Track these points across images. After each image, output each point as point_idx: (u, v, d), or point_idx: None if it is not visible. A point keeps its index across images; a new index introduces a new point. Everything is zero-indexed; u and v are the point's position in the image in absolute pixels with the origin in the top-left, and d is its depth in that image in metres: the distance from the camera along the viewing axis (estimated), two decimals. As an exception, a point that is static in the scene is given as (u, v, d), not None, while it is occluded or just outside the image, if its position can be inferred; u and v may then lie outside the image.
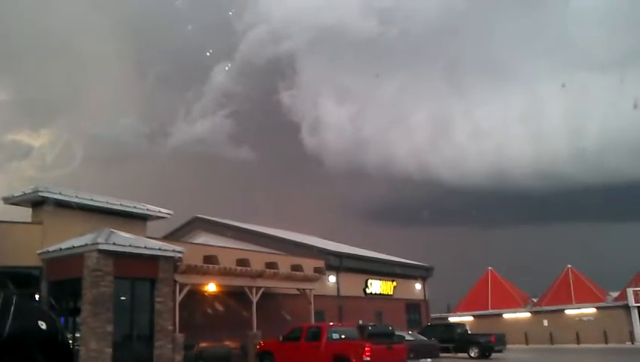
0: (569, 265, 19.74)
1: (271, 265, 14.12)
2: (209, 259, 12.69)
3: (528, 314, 22.41)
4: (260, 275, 13.74)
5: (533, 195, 30.82)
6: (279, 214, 29.39)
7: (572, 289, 19.50)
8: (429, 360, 13.87)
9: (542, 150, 27.69)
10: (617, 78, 27.53)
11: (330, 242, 20.86)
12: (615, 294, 19.76)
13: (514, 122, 27.89)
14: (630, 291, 18.71)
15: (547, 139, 27.91)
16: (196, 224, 19.14)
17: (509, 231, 34.87)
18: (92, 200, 11.49)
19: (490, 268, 19.97)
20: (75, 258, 10.17)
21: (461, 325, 17.67)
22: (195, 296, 12.30)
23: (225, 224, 18.91)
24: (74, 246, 10.30)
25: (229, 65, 30.96)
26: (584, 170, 28.45)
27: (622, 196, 29.11)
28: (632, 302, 19.07)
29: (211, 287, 12.88)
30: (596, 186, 28.89)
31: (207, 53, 30.02)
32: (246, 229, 18.60)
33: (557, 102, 26.51)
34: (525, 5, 31.19)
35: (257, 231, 18.61)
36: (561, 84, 26.39)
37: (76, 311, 10.05)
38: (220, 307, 13.22)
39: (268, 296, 13.96)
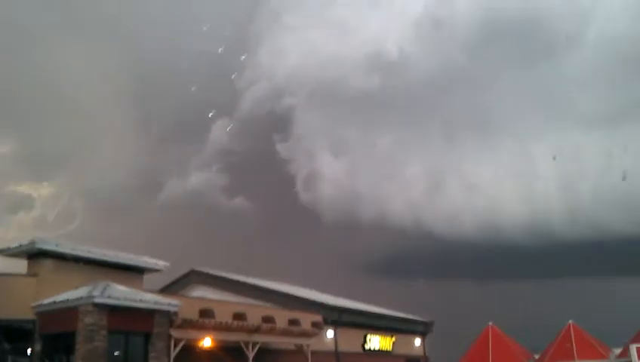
0: (570, 321, 19.47)
1: (268, 319, 13.87)
2: (205, 313, 12.47)
3: (530, 371, 21.92)
4: (256, 330, 13.48)
5: (528, 251, 30.75)
6: (276, 267, 29.20)
7: (574, 345, 19.18)
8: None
9: (535, 207, 27.96)
10: (608, 136, 28.21)
11: (327, 296, 20.61)
12: (618, 351, 19.44)
13: (508, 179, 28.33)
14: (633, 347, 18.40)
15: (540, 195, 28.21)
16: (193, 277, 18.91)
17: (507, 286, 34.60)
18: (89, 252, 11.42)
19: (490, 323, 19.67)
20: (70, 311, 10.00)
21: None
22: (190, 351, 12.03)
23: (221, 277, 18.69)
24: (69, 300, 10.15)
25: (228, 120, 31.57)
26: (577, 227, 28.61)
27: (619, 252, 29.05)
28: (635, 358, 18.70)
29: (207, 342, 12.61)
30: (591, 242, 28.93)
31: (209, 115, 30.71)
32: (242, 282, 18.37)
33: (550, 160, 27.12)
34: (521, 65, 31.90)
35: (254, 284, 18.38)
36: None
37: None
38: (215, 362, 12.92)
39: (264, 351, 13.66)
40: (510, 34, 31.09)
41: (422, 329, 21.93)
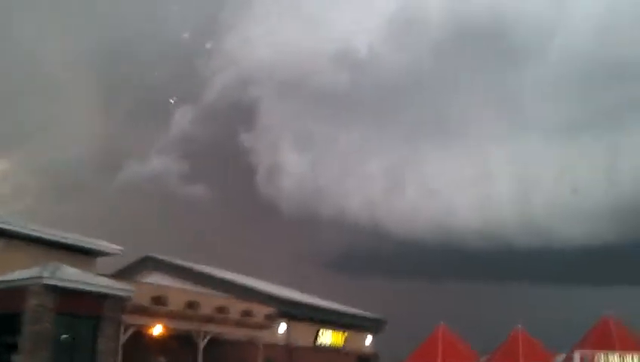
0: (519, 325, 19.93)
1: (221, 310, 13.77)
2: (158, 300, 12.29)
3: (477, 372, 22.34)
4: (209, 319, 13.37)
5: (482, 255, 31.38)
6: (232, 258, 28.98)
7: (520, 349, 19.62)
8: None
9: (489, 212, 28.55)
10: (565, 146, 29.03)
11: (283, 289, 20.59)
12: (563, 356, 19.99)
13: (465, 183, 28.86)
14: (577, 353, 18.96)
15: (495, 201, 28.82)
16: (147, 263, 18.61)
17: (461, 288, 35.22)
18: (41, 232, 11.12)
19: (441, 323, 19.96)
20: (17, 291, 9.72)
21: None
22: (140, 337, 11.84)
23: (176, 265, 18.47)
24: (17, 279, 9.87)
25: (192, 106, 31.15)
26: (529, 233, 29.33)
27: (570, 260, 29.92)
28: (577, 364, 19.29)
29: (158, 330, 12.43)
30: (543, 249, 29.71)
31: (172, 101, 30.18)
32: (197, 271, 18.20)
33: (506, 166, 27.78)
34: (487, 71, 32.31)
35: (209, 274, 18.22)
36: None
37: (14, 347, 9.53)
38: (164, 351, 12.73)
39: (215, 342, 13.55)
40: (479, 40, 31.45)
41: (374, 326, 22.16)
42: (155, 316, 12.14)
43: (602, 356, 17.41)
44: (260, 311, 15.07)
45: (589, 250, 27.96)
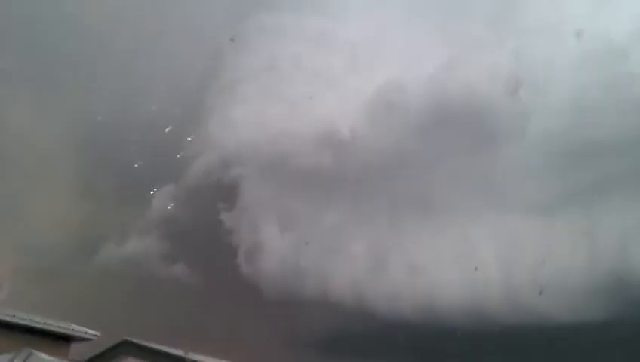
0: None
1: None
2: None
3: None
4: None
5: (466, 334, 30.91)
6: (213, 340, 28.12)
7: None
8: None
9: (472, 290, 28.39)
10: (545, 224, 29.41)
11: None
12: None
13: (447, 261, 28.87)
14: None
15: (477, 280, 28.72)
16: (124, 348, 17.92)
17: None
18: (13, 317, 10.77)
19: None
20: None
21: None
22: None
23: (154, 349, 17.83)
24: (-14, 368, 9.40)
25: (174, 187, 31.28)
26: (515, 313, 29.08)
27: (558, 340, 29.54)
28: None
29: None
30: (530, 329, 29.37)
31: (153, 187, 30.33)
32: (176, 356, 17.58)
33: (488, 245, 27.96)
34: (467, 151, 33.05)
35: (189, 359, 17.60)
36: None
37: None
38: None
39: None
40: (458, 122, 32.41)
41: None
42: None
43: None
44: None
45: (572, 327, 27.73)
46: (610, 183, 29.13)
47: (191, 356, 18.18)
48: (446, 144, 32.82)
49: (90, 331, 12.32)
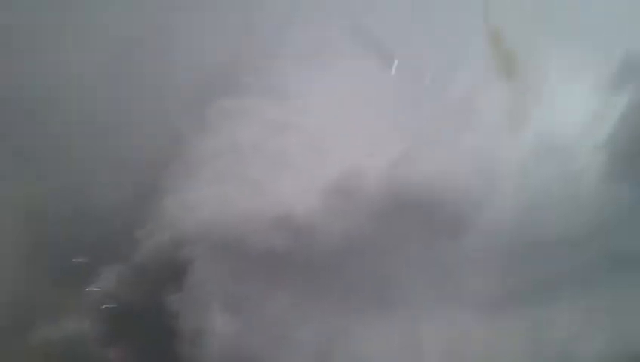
0: None
1: None
2: None
3: None
4: None
5: None
6: None
7: None
8: None
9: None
10: (494, 320, 29.17)
11: None
12: None
13: (394, 353, 28.27)
14: None
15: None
16: None
17: None
18: None
19: None
20: None
21: None
22: None
23: None
24: None
25: (120, 266, 30.91)
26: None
27: None
28: None
29: None
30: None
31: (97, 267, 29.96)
32: None
33: (436, 337, 27.55)
34: (422, 241, 33.15)
35: None
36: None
37: None
38: None
39: None
40: (415, 211, 32.74)
41: None
42: None
43: None
44: None
45: None
46: (558, 281, 29.32)
47: None
48: (400, 234, 33.03)
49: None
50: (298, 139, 35.85)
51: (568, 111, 32.96)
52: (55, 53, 34.29)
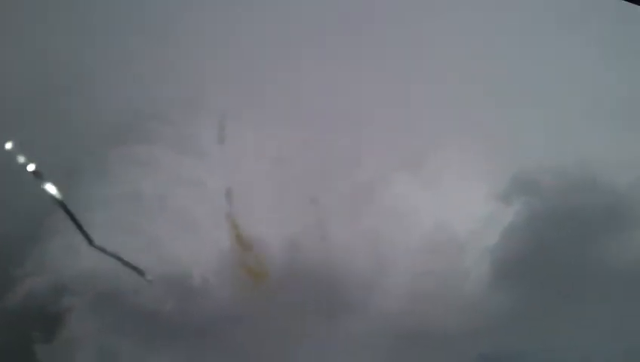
0: None
1: None
2: None
3: None
4: None
5: None
6: None
7: None
8: None
9: None
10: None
11: None
12: None
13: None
14: None
15: None
16: None
17: None
18: None
19: None
20: None
21: None
22: None
23: None
24: None
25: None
26: None
27: None
28: None
29: None
30: None
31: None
32: None
33: None
34: (309, 314, 33.28)
35: None
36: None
37: None
38: None
39: None
40: (308, 287, 32.96)
41: None
42: None
43: None
44: None
45: None
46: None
47: None
48: (291, 307, 33.09)
49: None
50: (204, 199, 35.51)
51: (465, 212, 35.13)
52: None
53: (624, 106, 36.23)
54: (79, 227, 26.73)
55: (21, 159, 23.27)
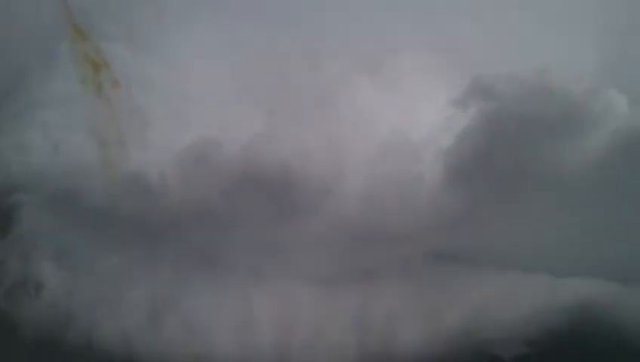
0: None
1: None
2: None
3: None
4: None
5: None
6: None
7: None
8: None
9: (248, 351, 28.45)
10: (327, 295, 30.72)
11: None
12: None
13: (224, 320, 28.77)
14: None
15: (253, 341, 28.96)
16: None
17: None
18: None
19: None
20: None
21: None
22: None
23: None
24: None
25: None
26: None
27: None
28: None
29: None
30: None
31: None
32: None
33: (267, 309, 28.47)
34: (263, 215, 33.54)
35: None
36: None
37: None
38: None
39: None
40: (267, 188, 33.02)
41: None
42: None
43: None
44: None
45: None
46: (387, 267, 31.47)
47: None
48: (248, 208, 33.29)
49: None
50: (161, 99, 34.66)
51: (422, 116, 35.31)
52: None
53: (580, 14, 36.44)
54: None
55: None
